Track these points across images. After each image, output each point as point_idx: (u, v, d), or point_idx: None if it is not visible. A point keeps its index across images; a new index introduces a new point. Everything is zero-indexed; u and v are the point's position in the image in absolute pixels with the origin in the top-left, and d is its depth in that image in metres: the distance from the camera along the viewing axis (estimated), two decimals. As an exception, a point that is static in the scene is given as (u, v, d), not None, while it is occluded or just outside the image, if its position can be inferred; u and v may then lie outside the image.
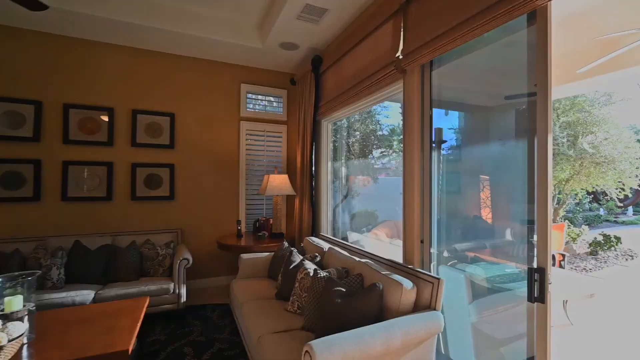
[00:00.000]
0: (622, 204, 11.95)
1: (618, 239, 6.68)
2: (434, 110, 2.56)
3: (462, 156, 2.67)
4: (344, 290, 2.11)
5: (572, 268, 5.58)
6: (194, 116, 3.90)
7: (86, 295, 2.65)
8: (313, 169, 3.73)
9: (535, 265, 1.71)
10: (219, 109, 4.02)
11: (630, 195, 8.17)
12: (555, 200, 7.20)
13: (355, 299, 2.03)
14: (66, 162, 3.28)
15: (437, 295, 2.05)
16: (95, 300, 2.69)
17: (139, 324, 2.05)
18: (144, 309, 2.27)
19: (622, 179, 6.60)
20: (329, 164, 3.86)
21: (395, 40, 2.57)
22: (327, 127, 3.87)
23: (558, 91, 5.57)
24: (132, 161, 3.56)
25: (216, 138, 4.00)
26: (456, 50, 2.33)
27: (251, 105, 4.25)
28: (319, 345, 1.55)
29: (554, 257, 4.24)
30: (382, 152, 5.11)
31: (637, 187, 7.03)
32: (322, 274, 2.36)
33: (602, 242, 6.45)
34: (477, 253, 2.54)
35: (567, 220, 7.50)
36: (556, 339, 3.16)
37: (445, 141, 2.66)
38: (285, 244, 3.21)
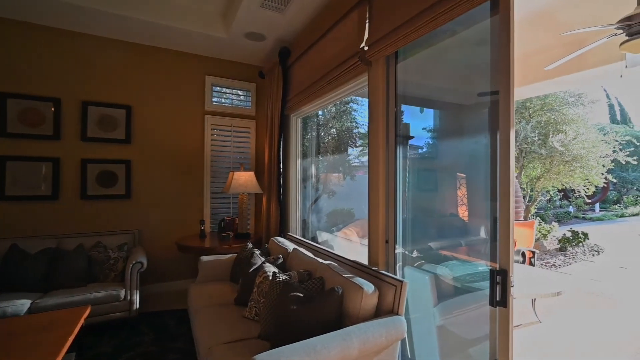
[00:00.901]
0: (589, 201, 12.42)
1: (585, 235, 6.87)
2: (409, 108, 2.46)
3: (432, 154, 2.58)
4: (302, 295, 1.97)
5: (542, 265, 5.68)
6: (154, 109, 3.64)
7: (20, 305, 2.39)
8: (281, 166, 3.57)
9: (497, 267, 1.62)
10: (182, 102, 3.78)
11: (597, 192, 8.46)
12: (528, 198, 7.33)
13: (312, 305, 1.89)
14: (4, 157, 2.97)
15: (399, 298, 1.94)
16: (31, 311, 2.42)
17: (71, 338, 1.83)
18: (82, 320, 2.05)
19: (589, 177, 6.79)
20: (299, 161, 3.71)
21: (360, 31, 2.44)
22: (296, 122, 3.71)
23: (528, 90, 5.63)
24: (83, 157, 3.28)
25: (178, 132, 3.76)
26: (423, 42, 2.23)
27: (217, 99, 4.03)
28: (264, 359, 1.40)
29: (524, 254, 4.27)
30: (361, 151, 5.01)
31: (603, 185, 7.26)
32: (281, 277, 2.21)
33: (571, 238, 6.62)
34: (445, 252, 2.46)
35: (538, 217, 7.66)
36: (525, 337, 3.15)
37: (412, 137, 2.56)
38: (249, 245, 3.04)
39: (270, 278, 2.25)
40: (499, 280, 1.58)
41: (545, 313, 3.67)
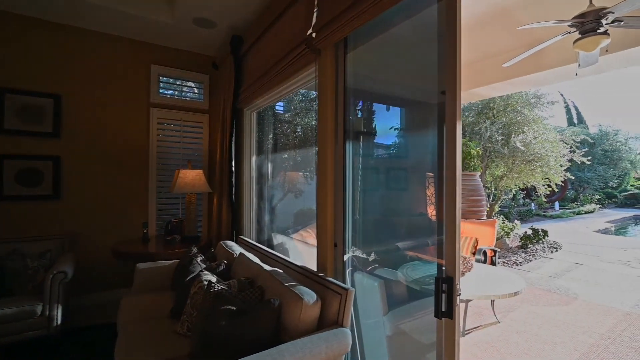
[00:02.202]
0: (549, 200, 12.99)
1: (545, 232, 7.08)
2: (378, 106, 2.30)
3: (391, 152, 2.43)
4: (234, 308, 1.74)
5: (504, 262, 5.75)
6: (89, 99, 3.27)
7: None
8: (233, 163, 3.31)
9: (443, 274, 1.47)
10: (123, 93, 3.42)
11: (556, 190, 8.80)
12: (492, 196, 7.46)
13: (245, 319, 1.67)
14: None
15: (344, 308, 1.76)
16: None
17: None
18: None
19: (549, 176, 7.00)
20: (254, 158, 3.47)
21: (309, 16, 2.24)
22: (250, 117, 3.46)
23: (489, 90, 5.69)
24: (-2, 152, 2.87)
25: (119, 126, 3.40)
26: (374, 30, 2.06)
27: (165, 91, 3.70)
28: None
29: (485, 253, 4.26)
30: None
31: (561, 184, 7.53)
32: (217, 287, 1.97)
33: (532, 235, 6.79)
34: (410, 253, 2.32)
35: (502, 216, 7.82)
36: (482, 339, 3.08)
37: (366, 133, 2.40)
38: (194, 249, 2.76)
39: (205, 288, 2.01)
40: (445, 288, 1.44)
41: (504, 312, 3.65)
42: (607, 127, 15.58)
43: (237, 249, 2.74)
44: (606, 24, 2.65)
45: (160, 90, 3.66)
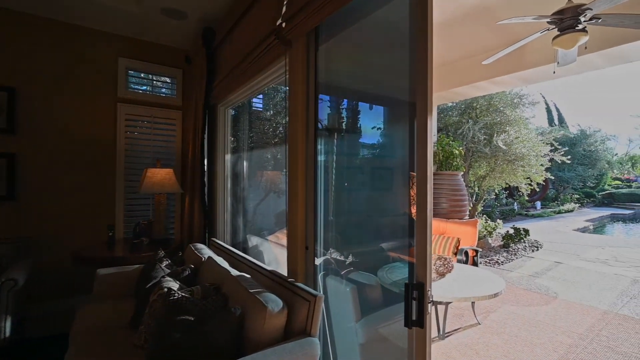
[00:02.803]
0: (531, 199, 13.22)
1: (526, 231, 7.15)
2: (351, 103, 2.19)
3: (369, 151, 2.32)
4: (192, 319, 1.61)
5: (486, 262, 5.76)
6: (49, 93, 3.05)
7: None
8: (205, 162, 3.15)
9: (414, 280, 1.37)
10: (87, 87, 3.22)
11: (538, 190, 8.93)
12: (475, 196, 7.49)
13: (201, 331, 1.53)
14: None
15: (313, 316, 1.65)
16: None
17: None
18: None
19: (530, 176, 7.07)
20: (228, 157, 3.31)
21: (280, 5, 2.11)
22: (225, 114, 3.31)
23: (471, 89, 5.69)
24: (-59, 149, 2.64)
25: (83, 122, 3.19)
26: (348, 21, 1.96)
27: (134, 85, 3.51)
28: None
29: (467, 253, 4.22)
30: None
31: (543, 183, 7.62)
32: (178, 294, 1.83)
33: (513, 235, 6.83)
34: (380, 256, 2.22)
35: (485, 215, 7.86)
36: (462, 341, 3.02)
37: (340, 130, 2.29)
38: (161, 253, 2.60)
39: (164, 295, 1.86)
40: (416, 295, 1.33)
41: (485, 314, 3.61)
42: (587, 127, 16.00)
43: (206, 253, 2.59)
44: (584, 21, 2.62)
45: (130, 85, 3.46)
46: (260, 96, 4.04)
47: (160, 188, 2.97)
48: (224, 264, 2.27)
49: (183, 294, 1.85)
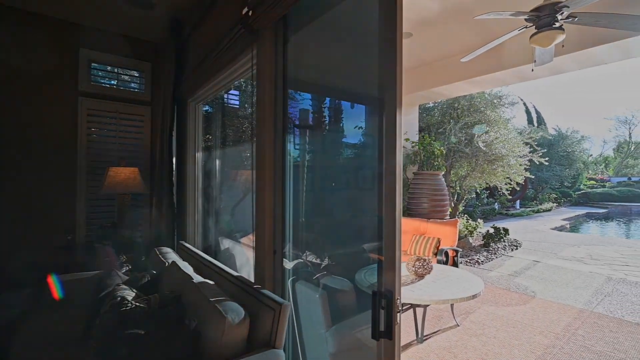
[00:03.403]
0: (511, 198, 13.49)
1: (506, 230, 7.23)
2: (323, 99, 2.06)
3: (339, 149, 2.21)
4: (142, 332, 1.46)
5: (467, 261, 5.76)
6: (-1, 86, 2.81)
7: None
8: (174, 160, 2.98)
9: (382, 287, 1.26)
10: (43, 79, 2.98)
11: (518, 189, 9.08)
12: (456, 196, 7.53)
13: (152, 345, 1.39)
14: None
15: (278, 326, 1.52)
16: None
17: None
18: None
19: (510, 175, 7.15)
20: (199, 155, 3.15)
21: (247, -9, 1.98)
22: (195, 110, 3.14)
23: (452, 88, 5.70)
24: None
25: (36, 118, 2.95)
26: (317, 11, 1.84)
27: (98, 79, 3.30)
28: None
29: (447, 254, 4.18)
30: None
31: (522, 183, 7.73)
32: (130, 305, 1.67)
33: (493, 234, 6.89)
34: (357, 259, 2.11)
35: (466, 215, 7.92)
36: (441, 344, 2.96)
37: (312, 127, 2.17)
38: (122, 257, 2.42)
39: (117, 306, 1.70)
40: (384, 304, 1.23)
41: (464, 315, 3.58)
42: (565, 129, 16.50)
43: (171, 257, 2.42)
44: (561, 19, 2.60)
45: (93, 78, 3.24)
46: (237, 92, 3.89)
47: (124, 188, 2.78)
48: (188, 270, 2.11)
49: (137, 304, 1.70)
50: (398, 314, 1.22)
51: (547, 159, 7.63)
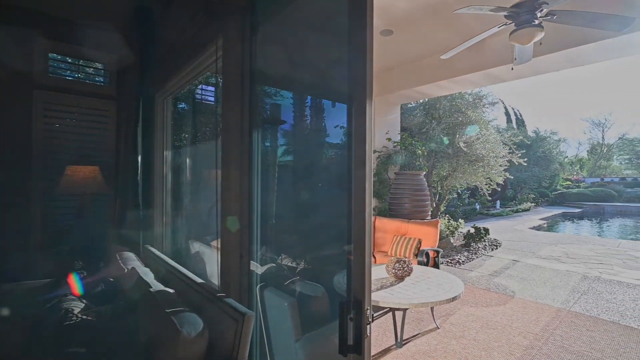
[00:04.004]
0: (492, 198, 13.73)
1: (487, 230, 7.29)
2: (296, 96, 1.93)
3: (313, 148, 2.09)
4: (84, 350, 1.29)
5: (448, 262, 5.75)
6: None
7: None
8: (139, 158, 2.78)
9: (351, 297, 1.15)
10: (-8, 69, 2.73)
11: (498, 190, 9.21)
12: (438, 196, 7.54)
13: (92, 367, 1.22)
14: None
15: (241, 339, 1.38)
16: None
17: None
18: None
19: (490, 176, 7.22)
20: (168, 153, 2.96)
21: (213, -24, 1.84)
22: (164, 105, 2.95)
23: (434, 88, 5.68)
24: None
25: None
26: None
27: (57, 71, 3.06)
28: None
29: (427, 254, 4.13)
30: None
31: (502, 183, 7.83)
32: (76, 318, 1.49)
33: (474, 234, 6.93)
34: (332, 263, 1.99)
35: (447, 215, 7.95)
36: (420, 348, 2.88)
37: (284, 122, 2.04)
38: (79, 263, 2.22)
39: (60, 319, 1.51)
40: (352, 315, 1.11)
41: (444, 317, 3.52)
42: (543, 130, 17.01)
43: (133, 263, 2.24)
44: (540, 16, 2.56)
45: (51, 70, 3.00)
46: (213, 88, 3.71)
47: (83, 188, 2.57)
48: (149, 277, 1.94)
49: (85, 317, 1.52)
50: (368, 326, 1.11)
51: (525, 159, 7.75)
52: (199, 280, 1.85)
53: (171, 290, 1.74)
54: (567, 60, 4.02)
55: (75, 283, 1.95)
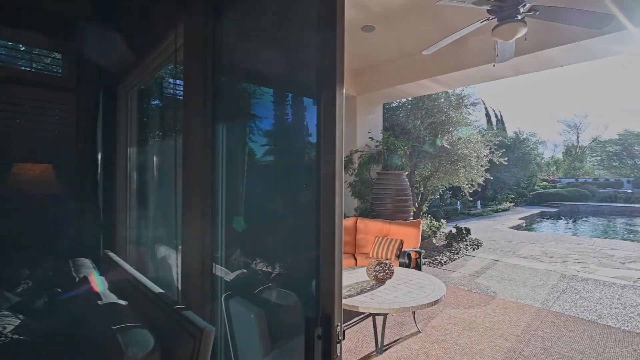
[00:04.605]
0: (473, 199, 13.94)
1: (468, 230, 7.32)
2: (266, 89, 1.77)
3: (285, 144, 1.93)
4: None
5: (430, 262, 5.71)
6: None
7: None
8: (99, 156, 2.55)
9: (320, 312, 1.00)
10: None
11: (479, 190, 9.31)
12: (420, 196, 7.53)
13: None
14: None
15: (199, 357, 1.21)
16: None
17: None
18: None
19: (471, 176, 7.26)
20: (133, 150, 2.73)
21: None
22: (129, 98, 2.73)
23: (415, 87, 5.63)
24: None
25: None
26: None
27: (6, 59, 2.78)
28: None
29: (409, 256, 4.05)
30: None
31: (483, 183, 7.90)
32: (5, 339, 1.28)
33: (456, 234, 6.94)
34: (298, 271, 1.84)
35: (430, 215, 7.95)
36: (401, 354, 2.77)
37: (255, 116, 1.88)
38: (25, 272, 1.98)
39: (-14, 342, 1.30)
40: (321, 332, 0.97)
41: (426, 320, 3.44)
42: (523, 132, 17.47)
43: (86, 271, 2.02)
44: (523, 12, 2.50)
45: (1, 59, 2.72)
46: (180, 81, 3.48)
47: (33, 188, 2.32)
48: (100, 287, 1.74)
49: (17, 337, 1.32)
50: (338, 345, 0.96)
51: (506, 159, 7.85)
52: (158, 290, 1.67)
53: (123, 303, 1.55)
54: (547, 61, 4.02)
55: (11, 295, 1.73)
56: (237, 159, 1.69)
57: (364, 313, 3.33)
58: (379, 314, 2.82)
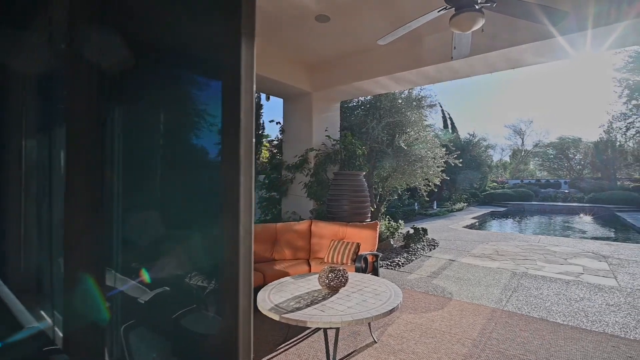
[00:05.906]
0: (430, 199, 14.35)
1: (425, 230, 7.37)
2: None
3: (190, 129, 1.57)
4: None
5: (387, 265, 5.59)
6: None
7: None
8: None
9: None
10: None
11: (435, 190, 9.50)
12: (379, 197, 7.45)
13: None
14: None
15: None
16: None
17: None
18: None
19: (428, 177, 7.32)
20: (27, 144, 2.20)
21: None
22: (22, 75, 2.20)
23: (372, 84, 5.50)
24: None
25: None
26: None
27: None
28: None
29: (366, 259, 3.85)
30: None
31: (439, 184, 8.02)
32: None
33: (413, 234, 6.94)
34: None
35: (388, 216, 7.91)
36: (356, 371, 2.53)
37: (152, 101, 1.49)
38: None
39: None
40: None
41: (382, 328, 3.24)
42: (475, 136, 18.41)
43: None
44: (480, 2, 2.38)
45: None
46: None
47: None
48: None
49: None
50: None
51: (461, 160, 8.04)
52: (35, 324, 1.24)
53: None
54: (503, 61, 4.04)
55: None
56: (139, 150, 1.31)
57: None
58: (330, 328, 2.55)
